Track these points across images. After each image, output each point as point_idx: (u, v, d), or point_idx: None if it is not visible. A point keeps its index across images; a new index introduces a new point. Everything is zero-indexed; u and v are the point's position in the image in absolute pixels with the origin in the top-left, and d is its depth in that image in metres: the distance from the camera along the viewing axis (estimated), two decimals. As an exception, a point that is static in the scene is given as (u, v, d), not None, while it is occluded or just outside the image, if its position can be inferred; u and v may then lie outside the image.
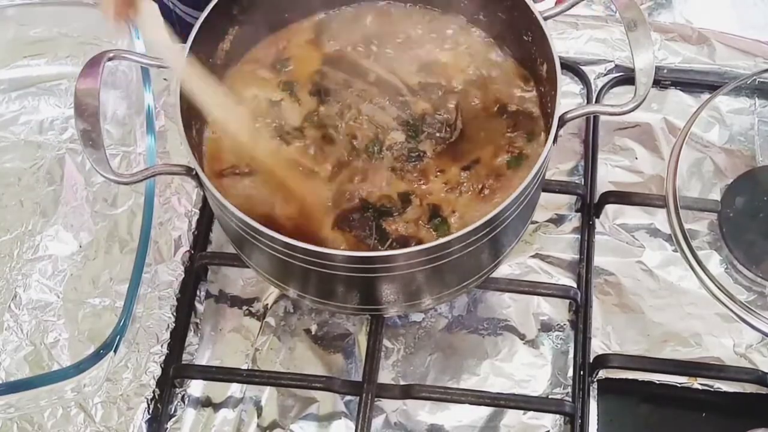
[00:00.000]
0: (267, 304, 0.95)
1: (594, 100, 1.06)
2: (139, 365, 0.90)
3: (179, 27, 1.22)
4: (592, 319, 0.92)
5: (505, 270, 0.95)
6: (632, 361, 0.89)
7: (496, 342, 0.93)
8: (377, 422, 0.88)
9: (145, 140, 0.93)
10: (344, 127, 0.85)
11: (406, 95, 0.86)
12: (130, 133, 1.04)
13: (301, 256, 0.71)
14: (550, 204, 0.99)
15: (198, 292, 0.96)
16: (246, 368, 0.92)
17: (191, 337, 0.94)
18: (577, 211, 1.00)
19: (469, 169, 0.82)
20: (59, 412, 0.88)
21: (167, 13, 1.22)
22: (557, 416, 0.88)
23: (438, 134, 0.84)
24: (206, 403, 0.90)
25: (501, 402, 0.87)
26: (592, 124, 1.03)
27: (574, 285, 0.94)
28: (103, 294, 0.95)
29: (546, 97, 0.83)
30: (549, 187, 0.97)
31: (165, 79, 1.07)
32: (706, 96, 1.04)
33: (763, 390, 0.88)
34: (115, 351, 0.83)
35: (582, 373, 0.89)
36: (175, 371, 0.90)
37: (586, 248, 0.96)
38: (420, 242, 0.78)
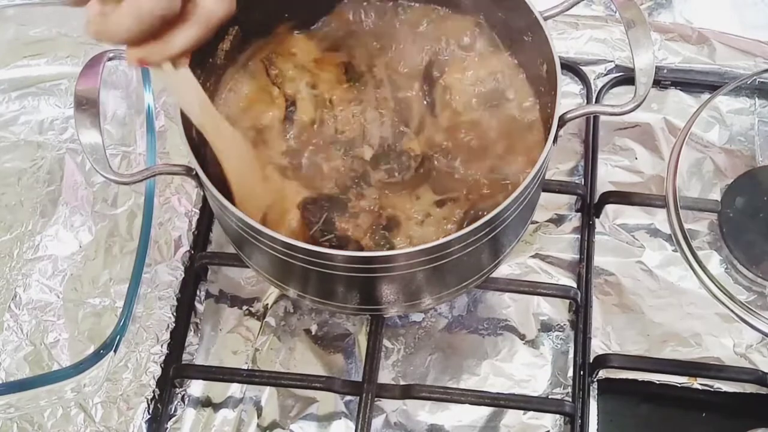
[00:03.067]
0: (267, 304, 0.95)
1: (594, 100, 1.06)
2: (139, 365, 0.90)
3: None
4: (592, 319, 0.92)
5: (505, 270, 0.95)
6: (632, 361, 0.90)
7: (496, 342, 0.93)
8: (377, 422, 0.88)
9: (145, 140, 0.93)
10: (342, 115, 0.85)
11: (410, 129, 0.85)
12: (130, 133, 1.04)
13: (301, 256, 0.71)
14: (550, 204, 0.99)
15: (198, 292, 0.96)
16: (246, 368, 0.92)
17: (191, 337, 0.94)
18: (577, 211, 1.00)
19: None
20: (59, 412, 0.88)
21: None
22: (557, 416, 0.88)
23: (396, 173, 0.82)
24: (206, 403, 0.90)
25: (501, 402, 0.88)
26: (592, 124, 1.03)
27: (574, 285, 0.94)
28: (103, 294, 0.95)
29: (546, 97, 0.83)
30: (549, 187, 0.97)
31: (165, 79, 1.07)
32: (706, 96, 1.04)
33: (763, 390, 0.88)
34: (115, 351, 0.83)
35: (582, 373, 0.89)
36: (175, 371, 0.90)
37: (586, 248, 0.96)
38: (360, 249, 0.78)
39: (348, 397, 0.89)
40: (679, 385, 0.89)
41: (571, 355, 0.91)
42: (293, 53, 0.88)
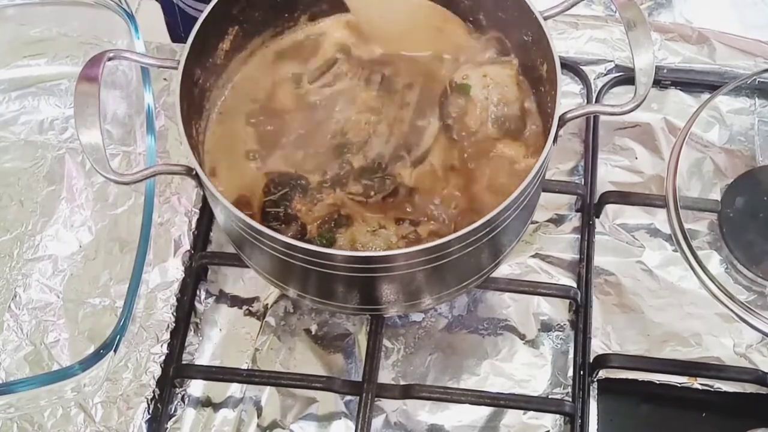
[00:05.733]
0: (267, 304, 0.95)
1: (594, 100, 1.06)
2: (139, 365, 0.90)
3: (182, 22, 1.22)
4: (592, 319, 0.92)
5: (505, 270, 0.95)
6: (632, 361, 0.90)
7: (496, 342, 0.93)
8: (377, 422, 0.88)
9: (145, 140, 0.93)
10: (353, 119, 0.86)
11: (409, 157, 0.84)
12: (130, 133, 1.04)
13: (301, 256, 0.72)
14: (550, 204, 0.99)
15: (198, 292, 0.96)
16: (246, 368, 0.92)
17: (191, 337, 0.94)
18: (577, 211, 1.00)
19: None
20: (59, 412, 0.88)
21: (170, 8, 1.22)
22: (557, 416, 0.88)
23: (371, 192, 0.82)
24: (206, 403, 0.90)
25: (501, 402, 0.88)
26: (592, 124, 1.03)
27: (574, 285, 0.94)
28: (103, 294, 0.95)
29: (546, 97, 0.83)
30: (549, 187, 0.97)
31: (165, 79, 1.07)
32: (706, 96, 1.04)
33: (763, 390, 0.88)
34: (115, 351, 0.83)
35: (582, 373, 0.89)
36: (175, 371, 0.90)
37: (586, 248, 0.96)
38: (303, 233, 0.79)
39: (348, 397, 0.89)
40: (679, 385, 0.89)
41: (571, 355, 0.91)
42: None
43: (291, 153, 0.84)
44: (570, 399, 0.89)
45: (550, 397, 0.90)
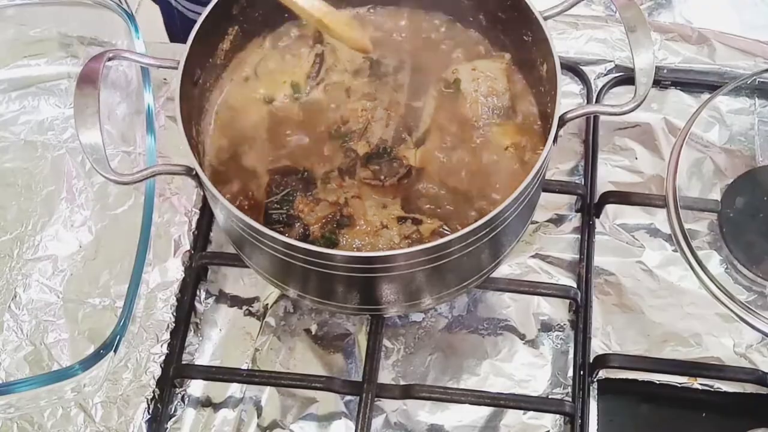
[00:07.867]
0: (267, 304, 0.95)
1: (594, 100, 1.06)
2: (139, 365, 0.90)
3: (180, 24, 1.22)
4: (592, 319, 0.92)
5: (505, 270, 0.95)
6: (632, 361, 0.90)
7: (496, 342, 0.93)
8: (377, 422, 0.88)
9: (145, 140, 0.93)
10: (352, 107, 0.86)
11: (411, 138, 0.85)
12: (130, 133, 1.04)
13: (301, 256, 0.72)
14: (550, 204, 0.99)
15: (198, 292, 0.96)
16: (246, 368, 0.92)
17: (191, 337, 0.94)
18: (577, 211, 1.00)
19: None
20: (59, 412, 0.88)
21: (168, 11, 1.22)
22: (557, 416, 0.88)
23: (381, 176, 0.83)
24: (206, 403, 0.90)
25: (501, 402, 0.88)
26: (592, 124, 1.03)
27: (574, 285, 0.94)
28: (103, 294, 0.95)
29: (546, 97, 0.83)
30: (549, 187, 0.97)
31: (165, 79, 1.07)
32: (706, 96, 1.04)
33: (763, 390, 0.88)
34: (115, 351, 0.83)
35: (582, 373, 0.89)
36: (175, 371, 0.90)
37: (586, 248, 0.96)
38: (305, 234, 0.79)
39: (348, 397, 0.89)
40: (679, 385, 0.89)
41: (571, 355, 0.91)
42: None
43: (293, 149, 0.85)
44: (570, 399, 0.89)
45: (550, 397, 0.90)
